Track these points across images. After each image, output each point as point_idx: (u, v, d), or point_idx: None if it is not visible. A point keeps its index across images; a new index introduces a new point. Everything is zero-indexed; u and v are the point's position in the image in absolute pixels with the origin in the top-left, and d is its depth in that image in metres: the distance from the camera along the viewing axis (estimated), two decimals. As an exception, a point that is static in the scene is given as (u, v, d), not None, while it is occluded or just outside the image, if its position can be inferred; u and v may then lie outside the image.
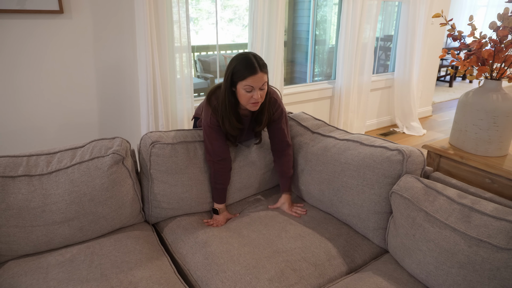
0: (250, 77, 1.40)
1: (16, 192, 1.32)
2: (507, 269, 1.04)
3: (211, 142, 1.58)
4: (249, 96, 1.44)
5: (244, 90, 1.43)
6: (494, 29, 1.48)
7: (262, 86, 1.44)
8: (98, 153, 1.46)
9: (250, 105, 1.47)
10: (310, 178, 1.71)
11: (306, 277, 1.30)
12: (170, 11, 2.44)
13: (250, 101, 1.46)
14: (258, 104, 1.48)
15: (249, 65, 1.41)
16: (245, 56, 1.43)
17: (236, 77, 1.44)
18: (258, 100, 1.45)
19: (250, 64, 1.41)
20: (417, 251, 1.24)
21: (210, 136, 1.58)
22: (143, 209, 1.64)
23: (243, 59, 1.43)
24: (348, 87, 3.63)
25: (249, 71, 1.40)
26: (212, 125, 1.56)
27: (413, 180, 1.36)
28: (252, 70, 1.40)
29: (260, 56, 1.46)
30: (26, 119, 2.27)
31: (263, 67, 1.43)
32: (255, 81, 1.41)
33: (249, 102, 1.46)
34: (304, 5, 4.05)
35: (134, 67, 2.53)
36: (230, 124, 1.54)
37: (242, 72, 1.41)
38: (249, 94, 1.44)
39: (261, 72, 1.41)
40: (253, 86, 1.42)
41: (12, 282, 1.23)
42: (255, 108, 1.49)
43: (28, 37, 2.14)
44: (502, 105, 1.52)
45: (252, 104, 1.47)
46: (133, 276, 1.25)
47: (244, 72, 1.41)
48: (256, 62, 1.41)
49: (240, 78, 1.42)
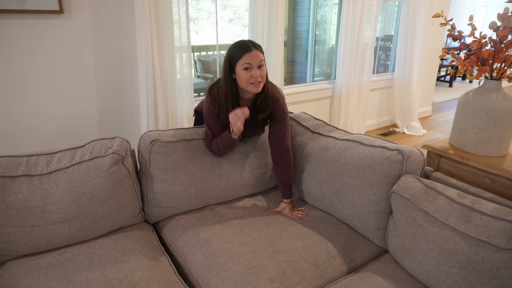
0: (245, 54, 1.44)
1: (16, 192, 1.32)
2: (507, 269, 1.04)
3: (211, 128, 1.62)
4: (248, 76, 1.46)
5: (243, 70, 1.45)
6: (494, 29, 1.48)
7: (259, 64, 1.46)
8: (98, 153, 1.46)
9: (251, 86, 1.48)
10: (310, 178, 1.71)
11: (307, 277, 1.30)
12: (170, 11, 2.44)
13: (251, 80, 1.47)
14: (260, 85, 1.49)
15: (243, 44, 1.46)
16: (239, 40, 1.49)
17: (233, 60, 1.47)
18: (258, 79, 1.46)
19: (244, 43, 1.46)
20: (417, 251, 1.24)
21: (210, 123, 1.61)
22: (143, 209, 1.64)
23: (237, 43, 1.48)
24: (348, 87, 3.63)
25: (244, 50, 1.45)
26: (210, 113, 1.59)
27: (413, 180, 1.36)
28: (247, 48, 1.45)
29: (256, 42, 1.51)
30: (26, 119, 2.27)
31: (257, 46, 1.47)
32: (251, 57, 1.44)
33: (250, 82, 1.47)
34: (304, 5, 4.05)
35: (134, 67, 2.53)
36: (227, 111, 1.54)
37: (237, 53, 1.45)
38: (248, 73, 1.46)
39: (256, 50, 1.45)
40: (250, 63, 1.44)
41: (12, 282, 1.23)
42: (257, 89, 1.49)
43: (28, 37, 2.14)
44: (502, 105, 1.52)
45: (253, 85, 1.48)
46: (133, 276, 1.25)
47: (239, 52, 1.45)
48: (249, 42, 1.47)
49: (237, 59, 1.46)
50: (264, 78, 1.51)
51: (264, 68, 1.50)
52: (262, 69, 1.48)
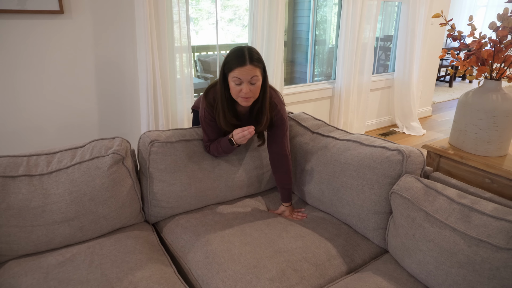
0: (237, 68, 1.34)
1: (17, 192, 1.32)
2: (507, 269, 1.04)
3: (207, 133, 1.60)
4: (238, 90, 1.38)
5: (233, 83, 1.38)
6: (493, 29, 1.48)
7: (251, 80, 1.37)
8: (98, 153, 1.46)
9: (240, 99, 1.42)
10: (310, 178, 1.72)
11: (307, 277, 1.30)
12: (170, 11, 2.44)
13: (240, 94, 1.39)
14: (249, 100, 1.42)
15: (239, 56, 1.35)
16: (239, 48, 1.39)
17: (226, 68, 1.39)
18: (247, 95, 1.38)
19: (240, 55, 1.35)
20: (417, 251, 1.25)
21: (206, 128, 1.59)
22: (143, 209, 1.64)
23: (235, 51, 1.38)
24: (348, 87, 3.63)
25: (237, 63, 1.34)
26: (206, 119, 1.56)
27: (413, 180, 1.36)
28: (240, 61, 1.34)
29: (256, 51, 1.40)
30: (26, 119, 2.27)
31: (253, 60, 1.35)
32: (242, 73, 1.34)
33: (238, 95, 1.40)
34: (304, 5, 4.06)
35: (134, 67, 2.53)
36: (225, 117, 1.50)
37: (231, 63, 1.36)
38: (238, 87, 1.38)
39: (250, 65, 1.34)
40: (240, 79, 1.35)
41: (12, 282, 1.23)
42: (245, 103, 1.43)
43: (28, 37, 2.14)
44: (501, 105, 1.52)
45: (242, 99, 1.41)
46: (133, 276, 1.25)
47: (232, 63, 1.36)
48: (247, 54, 1.35)
49: (229, 69, 1.37)
50: (255, 94, 1.42)
51: (258, 83, 1.40)
52: (254, 85, 1.39)
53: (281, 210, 1.71)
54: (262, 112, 1.52)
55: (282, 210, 1.71)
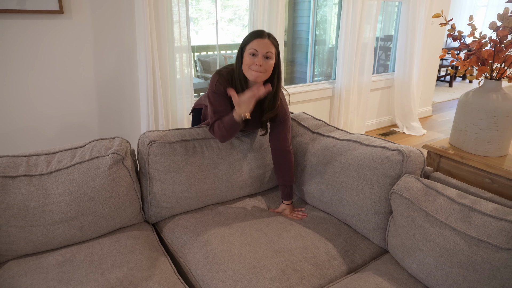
0: (255, 39, 1.43)
1: (16, 192, 1.32)
2: (507, 269, 1.04)
3: (215, 108, 1.55)
4: (252, 61, 1.43)
5: (249, 54, 1.44)
6: (494, 29, 1.48)
7: (266, 54, 1.43)
8: (98, 153, 1.46)
9: (251, 72, 1.44)
10: (310, 178, 1.72)
11: (307, 277, 1.30)
12: (170, 11, 2.44)
13: (252, 67, 1.43)
14: (260, 75, 1.44)
15: (258, 31, 1.46)
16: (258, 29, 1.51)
17: (244, 43, 1.47)
18: (259, 69, 1.42)
19: (260, 30, 1.47)
20: (417, 251, 1.24)
21: (214, 102, 1.54)
22: (143, 209, 1.64)
23: (254, 30, 1.49)
24: (348, 87, 3.63)
25: (255, 35, 1.44)
26: (217, 90, 1.53)
27: (413, 180, 1.36)
28: (259, 34, 1.44)
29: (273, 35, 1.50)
30: (26, 119, 2.27)
31: (271, 37, 1.46)
32: (260, 45, 1.42)
33: (250, 67, 1.43)
34: (304, 5, 4.05)
35: (134, 67, 2.53)
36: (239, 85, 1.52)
37: (249, 37, 1.46)
38: (252, 58, 1.43)
39: (268, 39, 1.44)
40: (257, 50, 1.42)
41: (12, 282, 1.23)
42: (255, 77, 1.44)
43: (28, 37, 2.14)
44: (502, 105, 1.52)
45: (253, 72, 1.43)
46: (133, 276, 1.25)
47: (251, 36, 1.45)
48: (266, 32, 1.46)
49: (247, 43, 1.46)
50: (267, 71, 1.46)
51: (272, 61, 1.45)
52: (268, 61, 1.44)
53: (282, 209, 1.71)
54: (273, 101, 1.56)
55: (283, 208, 1.71)
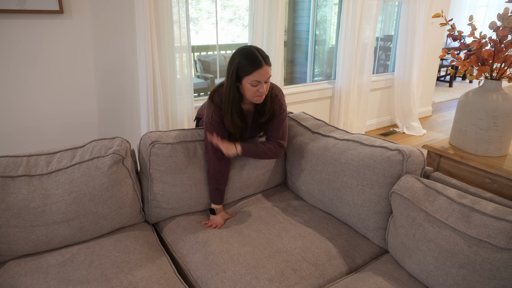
0: (256, 71, 1.41)
1: (16, 192, 1.32)
2: (507, 269, 1.04)
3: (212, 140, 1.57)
4: (255, 90, 1.46)
5: (250, 85, 1.45)
6: (494, 29, 1.48)
7: (267, 80, 1.46)
8: (98, 153, 1.46)
9: (256, 99, 1.49)
10: (310, 178, 1.71)
11: (307, 277, 1.30)
12: (170, 11, 2.44)
13: (256, 94, 1.47)
14: (263, 97, 1.50)
15: (254, 59, 1.41)
16: (248, 50, 1.43)
17: (241, 72, 1.44)
18: (263, 93, 1.47)
19: (255, 58, 1.41)
20: (417, 251, 1.24)
21: (211, 132, 1.57)
22: (143, 209, 1.64)
23: (246, 54, 1.43)
24: (348, 87, 3.63)
25: (254, 66, 1.41)
26: (213, 121, 1.55)
27: (413, 180, 1.36)
28: (258, 64, 1.41)
29: (261, 49, 1.48)
30: (26, 119, 2.27)
31: (267, 60, 1.44)
32: (261, 75, 1.42)
33: (255, 96, 1.47)
34: (304, 5, 4.05)
35: (134, 67, 2.53)
36: (232, 120, 1.53)
37: (247, 68, 1.41)
38: (255, 88, 1.45)
39: (266, 65, 1.43)
40: (259, 81, 1.43)
41: (12, 282, 1.23)
42: (260, 101, 1.51)
43: (28, 37, 2.14)
44: (502, 105, 1.52)
45: (257, 98, 1.49)
46: (133, 276, 1.25)
47: (249, 68, 1.41)
48: (260, 56, 1.42)
49: (246, 73, 1.42)
50: (267, 90, 1.51)
51: (270, 80, 1.50)
52: (267, 83, 1.48)
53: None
54: (265, 103, 1.58)
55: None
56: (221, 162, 1.60)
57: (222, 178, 1.62)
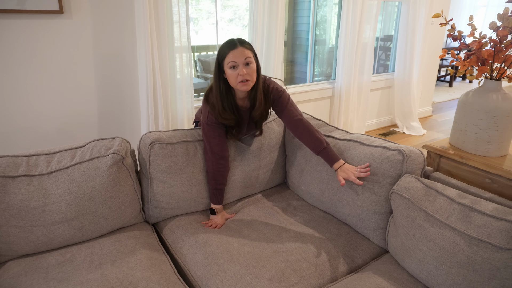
0: (230, 52, 1.42)
1: (16, 192, 1.32)
2: (507, 269, 1.04)
3: (209, 140, 1.57)
4: (236, 74, 1.44)
5: (229, 69, 1.44)
6: (494, 29, 1.48)
7: (246, 61, 1.43)
8: (98, 153, 1.46)
9: (240, 85, 1.45)
10: (310, 178, 1.71)
11: (307, 277, 1.30)
12: (170, 11, 2.44)
13: (238, 79, 1.44)
14: (249, 83, 1.45)
15: (229, 42, 1.45)
16: (228, 39, 1.48)
17: (220, 58, 1.46)
18: (245, 77, 1.43)
19: (230, 41, 1.45)
20: (417, 251, 1.24)
21: (208, 134, 1.57)
22: (143, 209, 1.64)
23: (225, 41, 1.47)
24: (348, 87, 3.63)
25: (228, 47, 1.44)
26: (210, 122, 1.55)
27: (413, 180, 1.36)
28: (232, 45, 1.43)
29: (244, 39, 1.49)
30: (26, 119, 2.27)
31: (243, 43, 1.45)
32: (236, 55, 1.42)
33: (238, 80, 1.44)
34: (304, 5, 4.05)
35: (134, 67, 2.53)
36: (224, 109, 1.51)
37: (223, 51, 1.45)
38: (234, 72, 1.44)
39: (241, 47, 1.43)
40: (235, 61, 1.42)
41: (12, 282, 1.23)
42: (245, 88, 1.46)
43: (28, 37, 2.14)
44: (502, 105, 1.52)
45: (241, 83, 1.44)
46: (133, 276, 1.25)
47: (225, 50, 1.44)
48: (237, 40, 1.45)
49: (223, 57, 1.45)
50: (252, 76, 1.46)
51: (253, 65, 1.46)
52: (249, 67, 1.44)
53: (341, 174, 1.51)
54: (255, 98, 1.56)
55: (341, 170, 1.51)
56: (219, 162, 1.60)
57: (221, 178, 1.62)
